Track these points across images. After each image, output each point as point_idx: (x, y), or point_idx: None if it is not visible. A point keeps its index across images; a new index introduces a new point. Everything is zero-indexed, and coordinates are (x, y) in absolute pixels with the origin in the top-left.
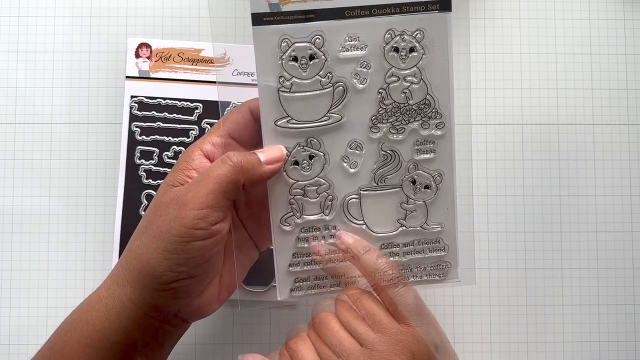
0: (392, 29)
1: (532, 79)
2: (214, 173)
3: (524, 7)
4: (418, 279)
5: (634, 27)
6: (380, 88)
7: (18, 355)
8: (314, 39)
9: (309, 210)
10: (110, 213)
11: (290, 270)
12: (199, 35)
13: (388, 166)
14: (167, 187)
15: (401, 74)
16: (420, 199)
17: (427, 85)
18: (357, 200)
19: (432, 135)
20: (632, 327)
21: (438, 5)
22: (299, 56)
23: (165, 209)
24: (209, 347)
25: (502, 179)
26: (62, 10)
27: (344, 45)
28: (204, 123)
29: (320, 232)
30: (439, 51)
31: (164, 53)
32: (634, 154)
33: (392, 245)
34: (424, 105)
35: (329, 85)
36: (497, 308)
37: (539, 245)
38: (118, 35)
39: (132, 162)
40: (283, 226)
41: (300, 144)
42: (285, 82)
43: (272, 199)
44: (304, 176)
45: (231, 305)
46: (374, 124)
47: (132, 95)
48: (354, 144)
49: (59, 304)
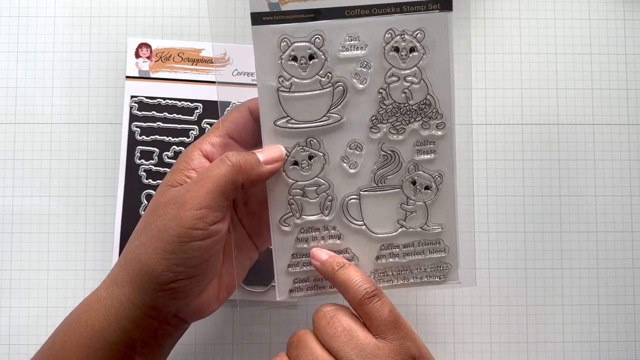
0: (393, 29)
1: (532, 79)
2: (212, 173)
3: (524, 7)
4: (418, 281)
5: (634, 27)
6: (381, 88)
7: (18, 355)
8: (313, 38)
9: (308, 211)
10: (110, 213)
11: (289, 270)
12: (199, 35)
13: (388, 167)
14: (165, 187)
15: (401, 74)
16: (420, 200)
17: (428, 85)
18: (356, 200)
19: (432, 135)
20: (632, 327)
21: (439, 4)
22: (299, 56)
23: (164, 209)
24: (209, 347)
25: (502, 179)
26: (62, 10)
27: (344, 45)
28: (204, 123)
29: (319, 232)
30: (440, 51)
31: (164, 53)
32: (634, 154)
33: (392, 247)
34: (424, 105)
35: (328, 85)
36: (497, 308)
37: (539, 245)
38: (118, 35)
39: (132, 162)
40: (282, 226)
41: (299, 144)
42: (285, 81)
43: (272, 199)
44: (303, 176)
45: (231, 305)
46: (374, 124)
47: (132, 95)
48: (354, 144)
49: (59, 304)
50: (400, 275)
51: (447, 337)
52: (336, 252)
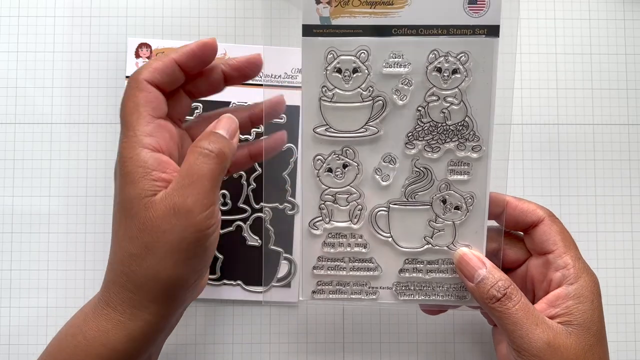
0: (437, 50)
1: (531, 79)
2: (203, 171)
3: (524, 7)
4: (439, 298)
5: (634, 27)
6: (420, 106)
7: (18, 355)
8: (359, 53)
9: (337, 217)
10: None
11: (314, 272)
12: (199, 36)
13: (420, 183)
14: (143, 201)
15: (442, 94)
16: (449, 219)
17: (467, 107)
18: (385, 212)
19: (467, 157)
20: (632, 327)
21: (486, 30)
22: (343, 68)
23: (168, 223)
24: (209, 347)
25: (502, 179)
26: (62, 10)
27: (388, 61)
28: None
29: (346, 239)
30: (483, 75)
31: (164, 53)
32: (634, 154)
33: (417, 262)
34: (462, 126)
35: (369, 98)
36: None
37: None
38: (118, 35)
39: None
40: (312, 229)
41: (335, 152)
42: (328, 92)
43: (304, 201)
44: (336, 183)
45: (231, 305)
46: (410, 140)
47: None
48: (388, 157)
49: (59, 304)
50: (422, 291)
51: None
52: (360, 261)
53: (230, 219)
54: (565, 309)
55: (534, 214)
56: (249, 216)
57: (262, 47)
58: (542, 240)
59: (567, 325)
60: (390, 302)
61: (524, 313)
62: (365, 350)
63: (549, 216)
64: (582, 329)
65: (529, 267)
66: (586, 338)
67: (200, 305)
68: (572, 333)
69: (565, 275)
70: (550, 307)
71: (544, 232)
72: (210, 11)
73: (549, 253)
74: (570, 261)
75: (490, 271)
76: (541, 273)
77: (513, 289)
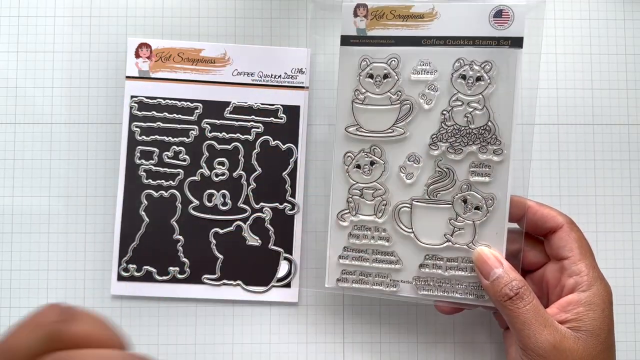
0: (462, 58)
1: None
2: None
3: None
4: (457, 295)
5: (634, 27)
6: (444, 110)
7: None
8: (390, 60)
9: (363, 210)
10: (110, 213)
11: (340, 262)
12: (199, 35)
13: (442, 182)
14: None
15: (465, 100)
16: (470, 219)
17: (490, 112)
18: (408, 209)
19: (489, 160)
20: (632, 327)
21: (510, 41)
22: (375, 74)
23: None
24: (209, 347)
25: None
26: (62, 10)
27: (416, 68)
28: (204, 123)
29: (370, 232)
30: (505, 84)
31: (164, 53)
32: (634, 154)
33: (437, 258)
34: (484, 130)
35: (397, 102)
36: None
37: None
38: (118, 35)
39: (132, 162)
40: (340, 221)
41: (364, 150)
42: (360, 95)
43: (334, 194)
44: (363, 179)
45: (231, 305)
46: (434, 142)
47: (132, 95)
48: (413, 157)
49: None
50: (440, 287)
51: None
52: (382, 254)
53: (230, 219)
54: (576, 315)
55: (554, 220)
56: (249, 216)
57: (262, 47)
58: (559, 246)
59: (576, 330)
60: (410, 295)
61: (533, 314)
62: (365, 350)
63: (568, 223)
64: (590, 336)
65: (546, 271)
66: (594, 345)
67: (200, 305)
68: (580, 338)
69: (579, 282)
70: (561, 312)
71: (561, 239)
72: (210, 11)
73: (564, 259)
74: (585, 269)
75: (506, 271)
76: (556, 278)
77: (525, 290)
